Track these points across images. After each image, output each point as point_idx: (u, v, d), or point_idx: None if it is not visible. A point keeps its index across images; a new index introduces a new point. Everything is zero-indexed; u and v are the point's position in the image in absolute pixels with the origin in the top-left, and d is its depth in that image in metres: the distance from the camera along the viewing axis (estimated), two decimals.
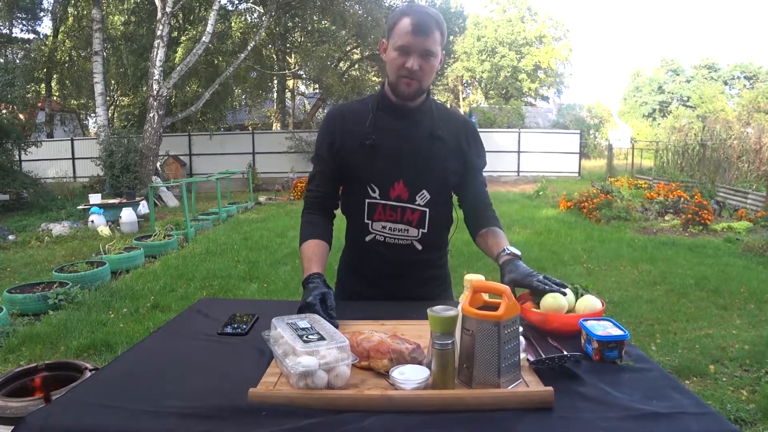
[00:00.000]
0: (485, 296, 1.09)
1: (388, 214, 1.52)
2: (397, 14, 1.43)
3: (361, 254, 1.61)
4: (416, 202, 1.51)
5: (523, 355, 1.06)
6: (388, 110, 1.51)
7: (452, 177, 1.55)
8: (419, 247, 1.55)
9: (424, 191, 1.51)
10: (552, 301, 1.26)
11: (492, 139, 18.64)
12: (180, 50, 15.50)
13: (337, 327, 1.21)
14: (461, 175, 1.57)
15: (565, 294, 1.28)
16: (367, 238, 1.56)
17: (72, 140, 18.01)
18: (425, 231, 1.54)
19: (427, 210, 1.52)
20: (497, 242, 1.48)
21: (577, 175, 18.11)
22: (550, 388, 0.95)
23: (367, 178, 1.51)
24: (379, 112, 1.51)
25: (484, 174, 1.64)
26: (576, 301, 1.31)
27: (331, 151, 1.54)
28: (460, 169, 1.56)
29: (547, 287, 1.27)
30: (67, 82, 18.89)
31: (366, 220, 1.54)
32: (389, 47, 1.44)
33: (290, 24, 18.07)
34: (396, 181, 1.49)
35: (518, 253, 1.41)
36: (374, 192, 1.51)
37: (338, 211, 1.65)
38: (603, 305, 1.30)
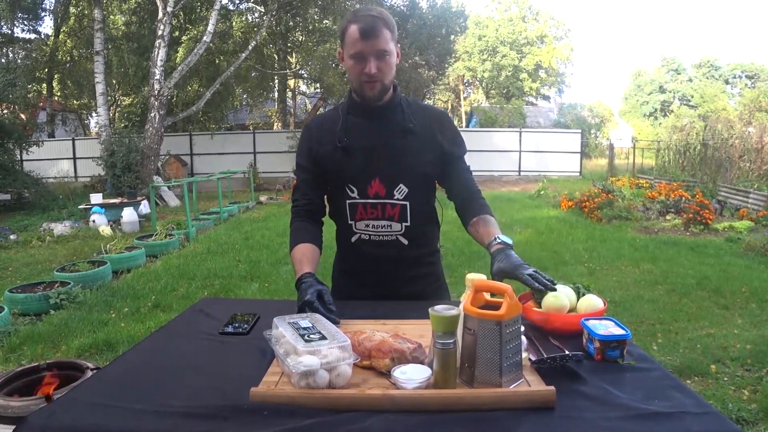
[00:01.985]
0: (487, 295, 1.09)
1: (369, 212, 1.54)
2: (345, 23, 1.45)
3: (350, 256, 1.62)
4: (395, 197, 1.52)
5: (524, 355, 1.06)
6: (357, 112, 1.54)
7: (429, 168, 1.56)
8: (405, 241, 1.55)
9: (401, 185, 1.52)
10: (553, 300, 1.26)
11: (493, 139, 18.63)
12: (181, 50, 15.49)
13: (338, 324, 1.22)
14: (439, 165, 1.57)
15: (554, 290, 1.25)
16: (353, 239, 1.58)
17: (73, 140, 18.07)
18: (408, 224, 1.54)
19: (407, 203, 1.53)
20: (488, 231, 1.45)
21: (578, 174, 18.08)
22: (552, 388, 0.95)
23: (344, 179, 1.54)
24: (349, 116, 1.55)
25: (485, 173, 1.64)
26: (578, 300, 1.31)
27: (310, 158, 1.58)
28: (436, 160, 1.56)
29: (535, 284, 1.24)
30: (69, 81, 18.94)
31: (349, 221, 1.56)
32: (345, 56, 1.46)
33: (291, 23, 18.05)
34: (372, 178, 1.51)
35: (510, 242, 1.39)
36: (353, 192, 1.53)
37: (327, 219, 1.66)
38: (604, 305, 1.29)
